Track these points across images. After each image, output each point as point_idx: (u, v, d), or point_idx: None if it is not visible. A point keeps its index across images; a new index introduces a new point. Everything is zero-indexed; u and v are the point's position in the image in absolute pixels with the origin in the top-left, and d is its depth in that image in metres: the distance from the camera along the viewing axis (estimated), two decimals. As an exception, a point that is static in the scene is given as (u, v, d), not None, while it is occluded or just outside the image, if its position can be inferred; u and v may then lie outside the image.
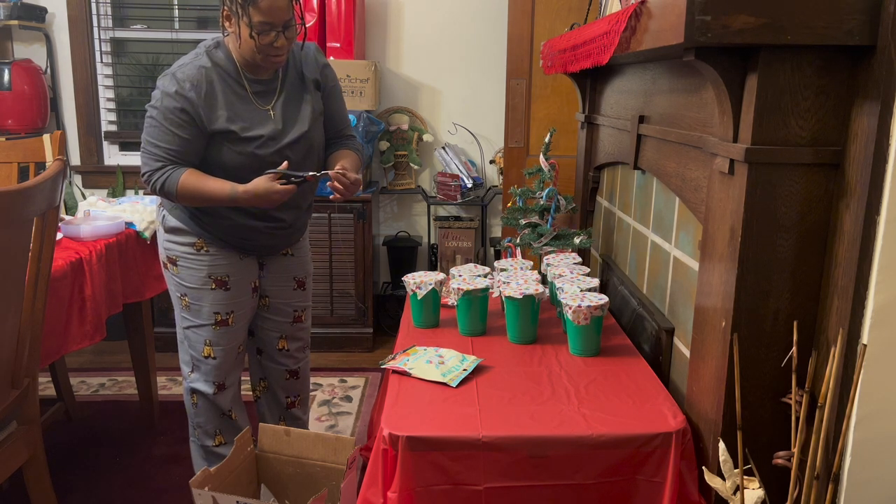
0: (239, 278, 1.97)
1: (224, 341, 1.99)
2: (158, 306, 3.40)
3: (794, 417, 1.22)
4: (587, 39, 1.73)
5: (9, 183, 2.47)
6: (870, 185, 1.18)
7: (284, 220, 1.96)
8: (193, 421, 2.07)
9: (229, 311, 1.97)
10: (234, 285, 1.97)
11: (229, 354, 2.01)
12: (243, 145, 1.82)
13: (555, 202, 2.25)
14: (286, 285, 2.10)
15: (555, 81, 3.16)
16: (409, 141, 3.67)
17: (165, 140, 1.80)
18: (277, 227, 1.96)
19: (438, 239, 3.64)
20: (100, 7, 3.73)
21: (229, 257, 1.95)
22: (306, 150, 1.91)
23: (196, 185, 1.79)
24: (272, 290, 2.08)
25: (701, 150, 1.48)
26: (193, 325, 1.98)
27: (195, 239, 1.93)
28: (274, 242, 2.01)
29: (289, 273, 2.10)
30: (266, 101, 1.87)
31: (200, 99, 1.78)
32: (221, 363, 2.00)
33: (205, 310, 1.96)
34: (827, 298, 1.30)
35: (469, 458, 1.41)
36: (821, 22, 1.16)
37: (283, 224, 1.97)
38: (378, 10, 3.65)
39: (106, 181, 3.81)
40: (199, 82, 1.78)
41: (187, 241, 1.93)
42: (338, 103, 2.02)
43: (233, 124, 1.80)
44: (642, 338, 1.92)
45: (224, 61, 1.82)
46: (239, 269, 1.97)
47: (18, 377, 1.72)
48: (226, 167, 1.83)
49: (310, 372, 2.30)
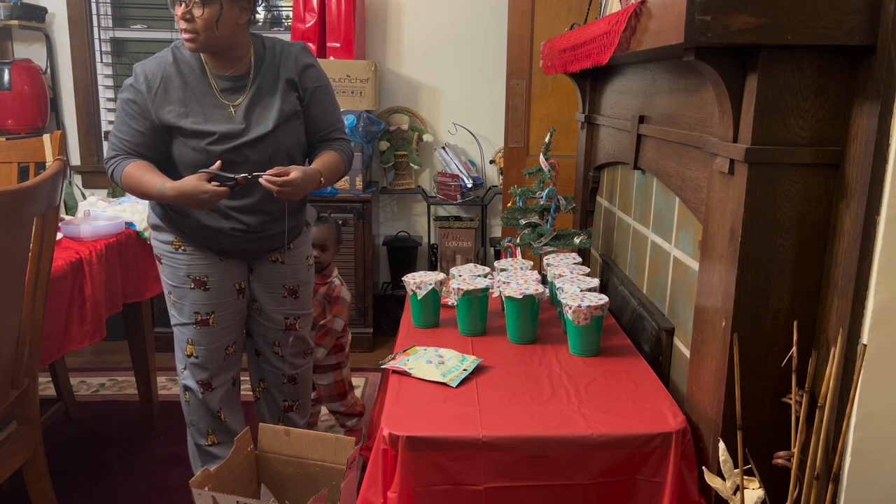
0: (219, 279, 1.95)
1: (205, 341, 1.98)
2: (158, 306, 3.39)
3: (794, 417, 1.22)
4: (587, 39, 1.73)
5: (9, 183, 2.47)
6: (870, 185, 1.18)
7: (248, 224, 1.90)
8: (187, 419, 2.07)
9: (209, 312, 1.96)
10: (214, 286, 1.95)
11: (212, 355, 2.00)
12: (196, 141, 1.81)
13: (555, 202, 2.25)
14: (275, 293, 2.06)
15: (555, 81, 3.16)
16: (409, 141, 3.67)
17: (121, 130, 1.85)
18: (242, 230, 1.90)
19: (438, 239, 3.64)
20: (100, 7, 3.73)
21: (208, 258, 1.94)
22: (271, 151, 1.85)
23: (134, 177, 1.81)
24: (261, 297, 2.06)
25: (701, 150, 1.48)
26: (178, 322, 2.00)
27: (173, 237, 1.94)
28: (248, 247, 1.96)
29: (277, 281, 2.05)
30: (233, 99, 1.85)
31: (151, 92, 1.81)
32: (204, 363, 1.99)
33: (186, 309, 1.96)
34: (827, 298, 1.30)
35: (469, 458, 1.41)
36: (821, 22, 1.16)
37: (247, 228, 1.90)
38: (378, 10, 3.65)
39: (106, 181, 3.81)
40: (154, 76, 1.81)
41: (167, 239, 1.95)
42: (322, 105, 1.95)
43: (182, 119, 1.80)
44: (642, 338, 1.92)
45: (189, 57, 1.84)
46: (219, 270, 1.95)
47: (18, 377, 1.72)
48: (182, 163, 1.85)
49: (311, 377, 2.28)
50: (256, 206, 1.89)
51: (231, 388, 2.08)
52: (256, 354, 2.16)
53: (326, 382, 2.47)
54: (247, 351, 2.17)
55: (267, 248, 2.01)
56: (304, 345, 2.18)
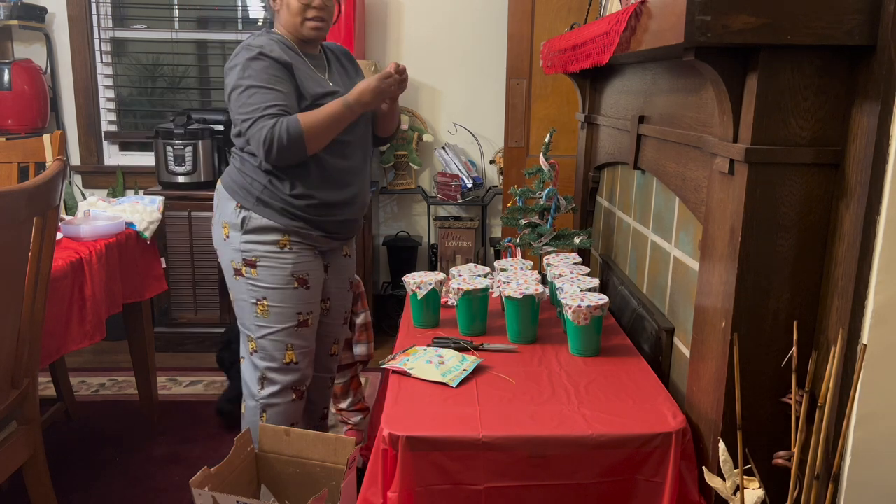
0: (315, 277, 1.99)
1: (305, 343, 1.99)
2: (158, 306, 3.40)
3: (794, 417, 1.22)
4: (587, 39, 1.73)
5: (9, 183, 2.47)
6: (870, 185, 1.18)
7: (356, 191, 1.99)
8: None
9: (310, 311, 1.98)
10: (314, 284, 1.98)
11: (308, 357, 2.01)
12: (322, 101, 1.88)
13: (555, 202, 2.25)
14: (343, 287, 2.15)
15: (555, 81, 3.16)
16: (409, 141, 3.67)
17: (270, 99, 1.80)
18: (350, 199, 1.98)
19: (438, 239, 3.64)
20: (100, 7, 3.73)
21: (309, 255, 1.96)
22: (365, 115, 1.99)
23: (315, 116, 1.82)
24: (333, 293, 2.12)
25: (701, 150, 1.48)
26: (273, 330, 1.94)
27: (279, 237, 1.91)
28: (353, 217, 2.03)
29: (345, 274, 2.14)
30: (321, 73, 1.98)
31: (283, 56, 1.85)
32: (302, 365, 1.99)
33: (287, 311, 1.93)
34: (827, 298, 1.30)
35: (469, 458, 1.41)
36: (821, 22, 1.16)
37: (354, 196, 1.99)
38: (378, 10, 3.65)
39: (106, 181, 3.81)
40: (272, 46, 1.86)
41: (271, 239, 1.91)
42: None
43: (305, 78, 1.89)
44: (642, 338, 1.92)
45: (277, 38, 1.91)
46: (315, 267, 1.99)
47: (18, 377, 1.72)
48: None
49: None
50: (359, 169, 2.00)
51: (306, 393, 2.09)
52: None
53: (344, 380, 2.49)
54: None
55: (354, 227, 2.08)
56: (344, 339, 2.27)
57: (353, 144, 1.98)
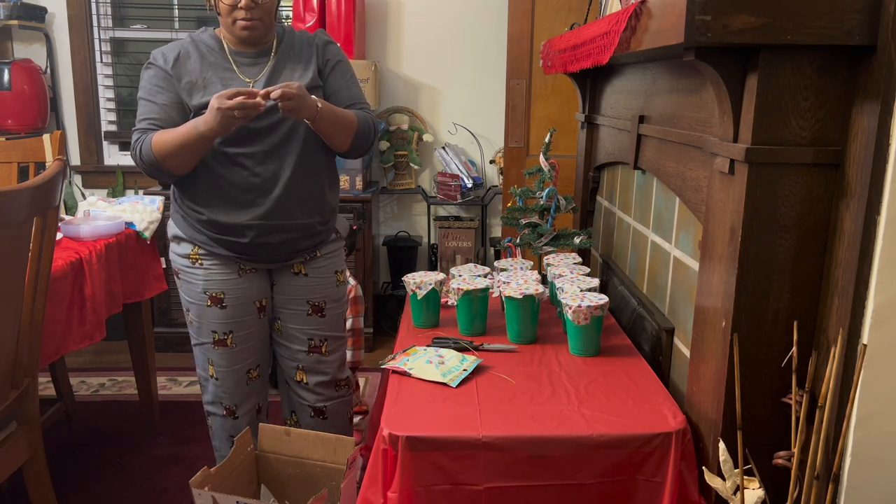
0: (237, 296, 1.89)
1: (225, 363, 1.93)
2: (158, 306, 3.40)
3: (794, 417, 1.22)
4: (587, 39, 1.73)
5: (9, 183, 2.47)
6: (870, 185, 1.18)
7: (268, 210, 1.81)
8: (212, 443, 2.03)
9: (227, 332, 1.91)
10: (232, 303, 1.89)
11: (231, 377, 1.94)
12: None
13: (555, 202, 2.25)
14: (298, 309, 1.96)
15: (555, 81, 3.16)
16: (409, 141, 3.67)
17: (144, 112, 1.81)
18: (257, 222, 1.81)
19: (438, 239, 3.64)
20: (100, 7, 3.73)
21: (226, 273, 1.88)
22: (292, 121, 1.80)
23: (166, 137, 1.73)
24: (283, 313, 1.98)
25: (701, 150, 1.48)
26: (197, 342, 1.95)
27: (190, 249, 1.88)
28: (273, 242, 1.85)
29: (300, 295, 1.96)
30: (253, 74, 1.85)
31: (169, 65, 1.81)
32: (224, 385, 1.95)
33: (204, 327, 1.92)
34: (827, 298, 1.30)
35: (469, 458, 1.41)
36: (821, 22, 1.16)
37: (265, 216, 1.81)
38: (378, 10, 3.65)
39: (106, 181, 3.81)
40: (170, 53, 1.83)
41: (184, 251, 1.90)
42: (343, 79, 1.96)
43: (201, 91, 1.78)
44: (642, 338, 1.92)
45: (207, 38, 1.87)
46: (237, 285, 1.89)
47: (18, 377, 1.72)
48: None
49: (349, 416, 2.15)
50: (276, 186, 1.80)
51: (256, 416, 2.01)
52: (286, 383, 2.08)
53: None
54: (278, 378, 2.12)
55: (290, 250, 1.91)
56: (336, 373, 2.04)
57: (269, 155, 1.79)
